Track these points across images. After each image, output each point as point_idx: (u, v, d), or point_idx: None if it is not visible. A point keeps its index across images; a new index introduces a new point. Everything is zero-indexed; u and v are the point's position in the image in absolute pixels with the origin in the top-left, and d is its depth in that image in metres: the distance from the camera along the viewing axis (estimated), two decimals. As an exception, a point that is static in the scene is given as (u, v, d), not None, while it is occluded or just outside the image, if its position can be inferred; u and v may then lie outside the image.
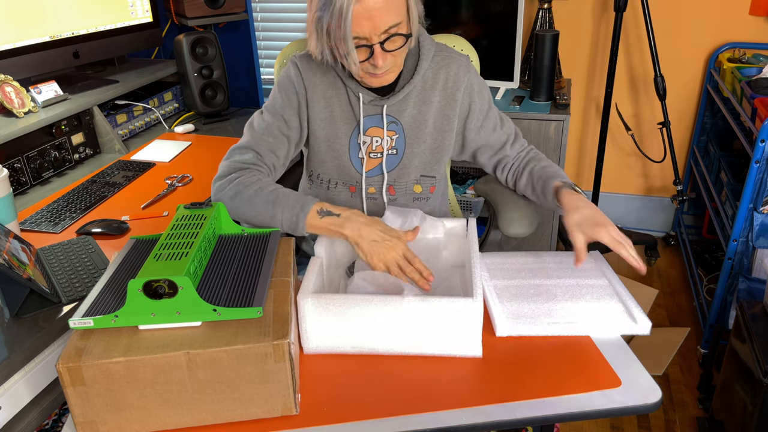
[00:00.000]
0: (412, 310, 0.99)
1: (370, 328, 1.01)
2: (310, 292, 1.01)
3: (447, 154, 1.39)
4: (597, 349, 1.05)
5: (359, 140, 1.33)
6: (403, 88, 1.29)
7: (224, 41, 2.72)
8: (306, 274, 1.07)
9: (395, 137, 1.34)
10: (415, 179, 1.38)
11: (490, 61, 2.28)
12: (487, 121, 1.38)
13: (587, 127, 2.73)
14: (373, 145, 1.34)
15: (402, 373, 1.01)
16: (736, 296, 1.82)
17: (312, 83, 1.31)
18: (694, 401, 1.91)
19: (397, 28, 1.14)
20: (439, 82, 1.32)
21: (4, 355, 1.01)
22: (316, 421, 0.92)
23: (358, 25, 1.10)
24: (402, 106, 1.31)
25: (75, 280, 1.20)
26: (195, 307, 0.89)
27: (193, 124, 2.14)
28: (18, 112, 1.72)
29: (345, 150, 1.34)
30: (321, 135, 1.34)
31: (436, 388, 0.98)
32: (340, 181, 1.38)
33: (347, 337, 1.03)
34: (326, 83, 1.30)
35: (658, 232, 2.82)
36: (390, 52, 1.17)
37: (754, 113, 1.76)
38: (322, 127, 1.33)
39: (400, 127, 1.33)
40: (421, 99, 1.32)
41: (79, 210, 1.52)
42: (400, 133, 1.33)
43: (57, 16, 1.94)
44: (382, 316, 1.00)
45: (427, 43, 1.31)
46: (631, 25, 2.48)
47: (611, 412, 0.94)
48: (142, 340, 0.88)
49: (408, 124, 1.33)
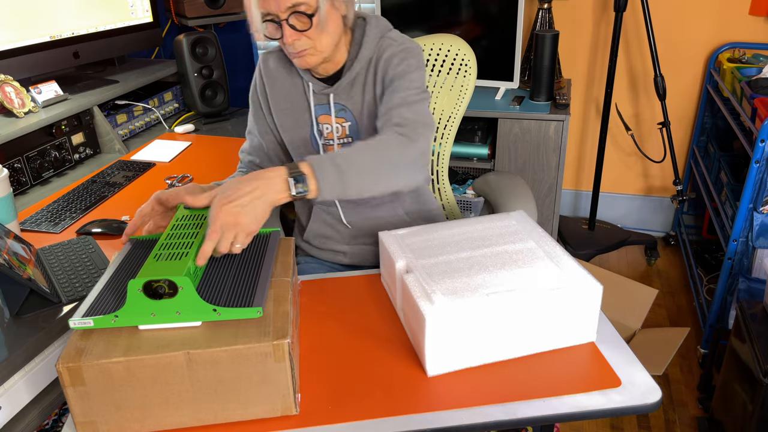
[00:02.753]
0: (535, 306, 0.98)
1: (495, 334, 0.99)
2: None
3: None
4: (597, 349, 1.05)
5: (317, 129, 1.37)
6: (344, 75, 1.30)
7: (224, 41, 2.72)
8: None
9: (347, 124, 1.34)
10: None
11: (490, 61, 2.28)
12: (389, 89, 1.24)
13: (587, 127, 2.73)
14: (324, 132, 1.36)
15: (402, 373, 1.02)
16: (736, 296, 1.82)
17: (272, 79, 1.37)
18: (694, 401, 1.91)
19: (303, 7, 1.15)
20: (380, 67, 1.29)
21: (4, 355, 1.01)
22: (316, 421, 0.92)
23: (263, 1, 1.14)
24: (349, 93, 1.32)
25: (75, 280, 1.20)
26: (195, 307, 0.89)
27: (193, 124, 2.14)
28: (18, 112, 1.72)
29: (308, 139, 1.38)
30: (287, 125, 1.39)
31: (436, 388, 0.98)
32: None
33: (472, 348, 0.99)
34: (285, 76, 1.36)
35: (658, 232, 2.82)
36: (299, 31, 1.17)
37: (754, 113, 1.76)
38: (284, 117, 1.38)
39: (350, 114, 1.33)
40: (365, 85, 1.31)
41: (79, 210, 1.52)
42: (351, 120, 1.34)
43: (57, 16, 1.94)
44: (509, 318, 0.98)
45: (372, 29, 1.29)
46: (631, 25, 2.48)
47: (611, 412, 0.94)
48: (142, 340, 0.88)
49: (357, 111, 1.33)
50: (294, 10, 1.16)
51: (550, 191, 2.21)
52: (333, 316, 1.18)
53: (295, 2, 1.15)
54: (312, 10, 1.17)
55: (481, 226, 1.19)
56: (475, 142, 2.31)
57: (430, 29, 1.72)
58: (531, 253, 1.09)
